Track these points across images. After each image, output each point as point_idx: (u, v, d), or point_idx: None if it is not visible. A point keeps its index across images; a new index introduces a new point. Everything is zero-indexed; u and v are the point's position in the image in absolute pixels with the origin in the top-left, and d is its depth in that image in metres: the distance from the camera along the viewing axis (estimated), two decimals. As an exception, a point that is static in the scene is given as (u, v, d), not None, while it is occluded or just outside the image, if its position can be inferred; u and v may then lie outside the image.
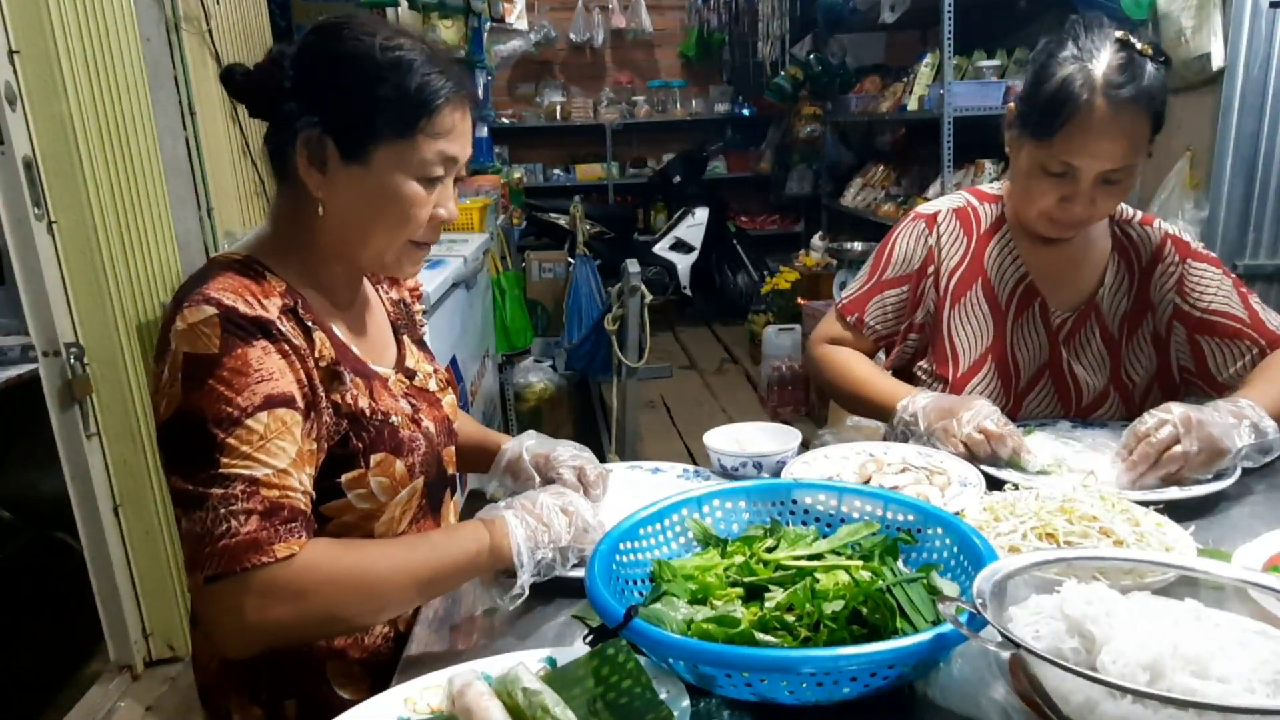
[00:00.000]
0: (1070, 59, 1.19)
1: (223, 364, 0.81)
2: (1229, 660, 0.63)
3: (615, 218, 5.73)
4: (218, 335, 0.82)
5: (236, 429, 0.81)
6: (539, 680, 0.74)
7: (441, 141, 0.91)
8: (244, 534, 0.79)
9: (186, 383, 0.81)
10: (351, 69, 0.88)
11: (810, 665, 0.68)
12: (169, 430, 0.82)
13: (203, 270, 0.91)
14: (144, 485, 2.26)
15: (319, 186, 0.91)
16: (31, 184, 1.95)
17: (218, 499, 0.79)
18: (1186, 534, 0.91)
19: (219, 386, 0.81)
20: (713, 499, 0.98)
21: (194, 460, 0.81)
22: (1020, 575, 0.75)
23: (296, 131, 0.88)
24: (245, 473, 0.80)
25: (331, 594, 0.82)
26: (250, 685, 0.96)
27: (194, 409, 0.81)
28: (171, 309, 0.86)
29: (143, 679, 2.30)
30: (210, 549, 0.79)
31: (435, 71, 0.90)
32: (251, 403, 0.82)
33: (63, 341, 2.05)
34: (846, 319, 1.45)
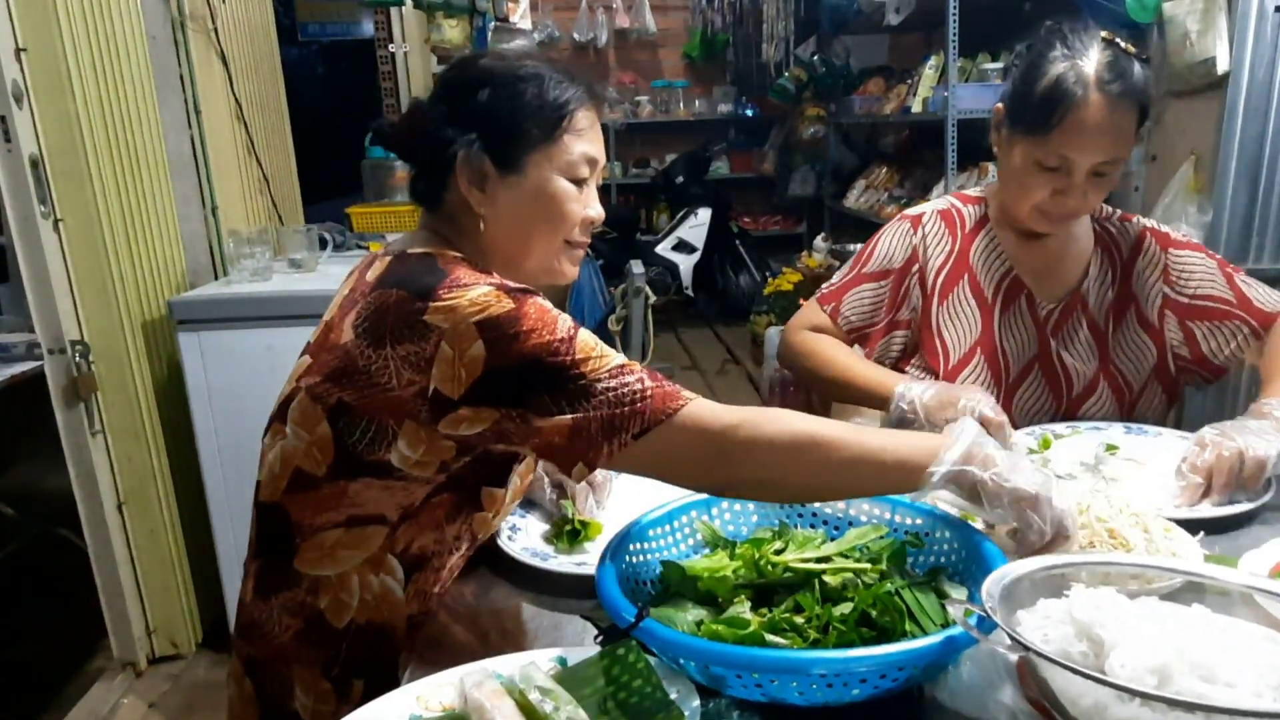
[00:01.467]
0: (1060, 58, 1.23)
1: (524, 313, 0.86)
2: (1237, 664, 0.63)
3: (618, 218, 5.73)
4: (505, 296, 0.87)
5: (574, 346, 0.86)
6: (550, 679, 0.75)
7: (583, 141, 0.99)
8: (652, 389, 0.85)
9: (493, 343, 0.85)
10: (495, 87, 0.96)
11: (821, 667, 0.68)
12: (489, 386, 0.85)
13: (425, 264, 0.92)
14: (148, 483, 2.27)
15: (480, 203, 0.97)
16: (38, 182, 1.96)
17: (606, 384, 0.84)
18: (1194, 541, 0.92)
19: (534, 327, 0.85)
20: (721, 501, 0.98)
21: (549, 387, 0.84)
22: (1028, 579, 0.75)
23: (453, 155, 0.95)
24: (612, 364, 0.86)
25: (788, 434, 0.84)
26: (326, 658, 0.98)
27: (521, 358, 0.85)
28: (407, 298, 0.87)
29: (146, 676, 2.31)
30: (625, 410, 0.83)
31: (566, 79, 0.98)
32: (568, 327, 0.87)
33: (68, 339, 2.05)
34: (824, 308, 1.47)
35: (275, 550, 0.98)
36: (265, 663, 1.00)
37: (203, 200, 2.55)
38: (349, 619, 0.97)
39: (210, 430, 2.23)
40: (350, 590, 0.97)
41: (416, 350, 0.87)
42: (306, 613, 0.97)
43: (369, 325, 0.90)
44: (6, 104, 1.87)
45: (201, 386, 2.21)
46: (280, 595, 0.98)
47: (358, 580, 0.97)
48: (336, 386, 0.92)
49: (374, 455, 0.93)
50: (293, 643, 0.98)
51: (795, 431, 0.85)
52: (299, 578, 0.97)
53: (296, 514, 0.97)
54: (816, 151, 5.76)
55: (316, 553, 0.97)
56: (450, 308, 0.86)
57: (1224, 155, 2.45)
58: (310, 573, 0.97)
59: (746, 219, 6.45)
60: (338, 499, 0.95)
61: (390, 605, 0.98)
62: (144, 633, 2.32)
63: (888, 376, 1.35)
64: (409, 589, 0.99)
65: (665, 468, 0.88)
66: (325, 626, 0.97)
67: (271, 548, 0.99)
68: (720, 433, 0.84)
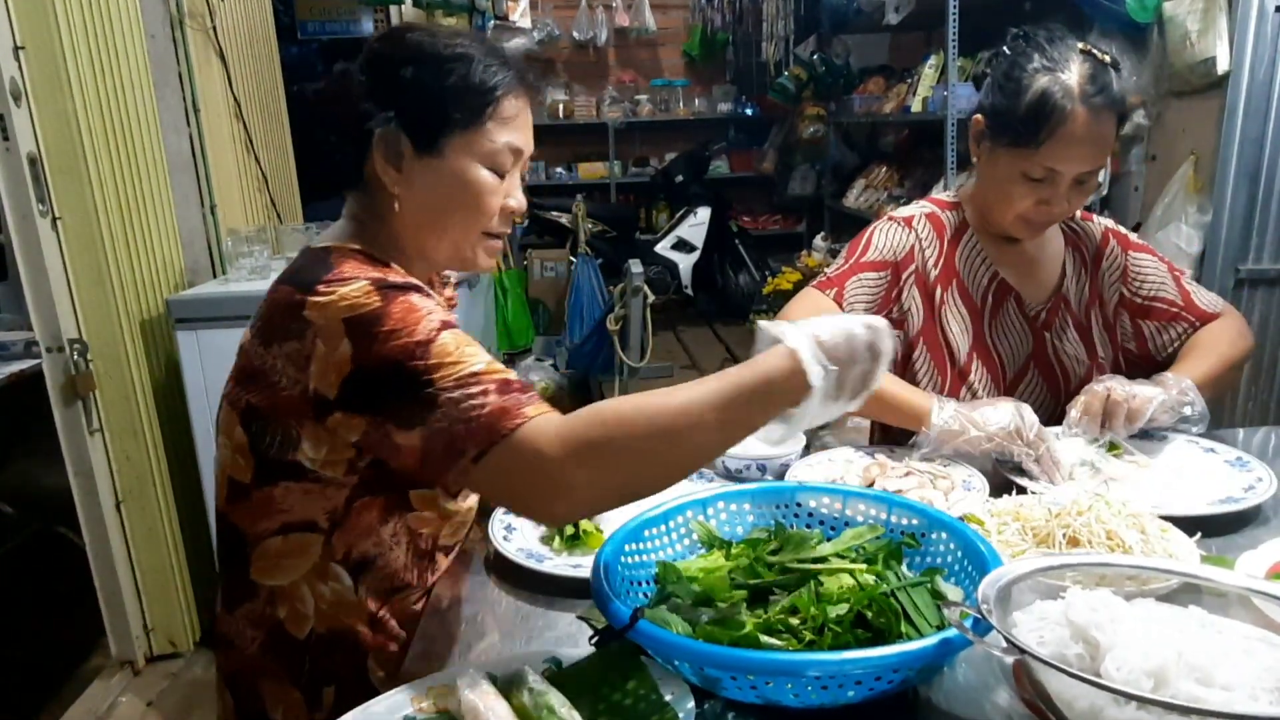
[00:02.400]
0: (1042, 70, 1.24)
1: (389, 312, 0.83)
2: (1233, 668, 0.63)
3: (617, 217, 5.72)
4: (375, 295, 0.84)
5: (430, 350, 0.82)
6: (545, 681, 0.75)
7: (508, 130, 0.95)
8: (491, 405, 0.79)
9: (359, 342, 0.82)
10: (420, 64, 0.92)
11: (816, 669, 0.68)
12: (354, 388, 0.83)
13: (317, 258, 0.91)
14: (146, 481, 2.27)
15: (395, 182, 0.93)
16: (36, 180, 1.95)
17: (448, 396, 0.80)
18: (1190, 541, 0.92)
19: (395, 328, 0.82)
20: (717, 501, 0.98)
21: (403, 395, 0.81)
22: (1025, 581, 0.75)
23: (371, 132, 0.91)
24: (463, 372, 0.81)
25: (628, 434, 0.77)
26: (292, 669, 0.97)
27: (379, 359, 0.82)
28: (291, 293, 0.86)
29: (144, 674, 2.30)
30: (465, 430, 0.79)
31: (496, 63, 0.94)
32: (431, 328, 0.84)
33: (66, 337, 2.05)
34: (825, 293, 1.37)
35: (233, 562, 0.97)
36: (239, 676, 0.99)
37: (201, 199, 2.54)
38: (309, 628, 0.96)
39: (208, 429, 2.23)
40: (304, 600, 0.95)
41: (298, 348, 0.85)
42: (268, 624, 0.96)
43: (261, 324, 0.89)
44: (5, 102, 1.87)
45: (200, 385, 2.21)
46: (243, 607, 0.97)
47: (308, 590, 0.95)
48: (243, 390, 0.91)
49: (286, 457, 0.90)
50: (259, 655, 0.97)
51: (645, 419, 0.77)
52: (256, 589, 0.96)
53: (239, 523, 0.96)
54: (816, 151, 5.75)
55: (265, 562, 0.95)
56: (323, 304, 0.84)
57: (1224, 155, 2.44)
58: (266, 583, 0.96)
59: (746, 218, 6.44)
60: (267, 506, 0.93)
61: (346, 610, 0.96)
62: (142, 631, 2.32)
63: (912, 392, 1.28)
64: (360, 592, 0.96)
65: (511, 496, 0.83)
66: (287, 637, 0.96)
67: (230, 559, 0.98)
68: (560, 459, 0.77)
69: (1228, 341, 1.39)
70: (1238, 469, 1.20)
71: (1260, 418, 2.60)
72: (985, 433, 1.20)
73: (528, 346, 4.10)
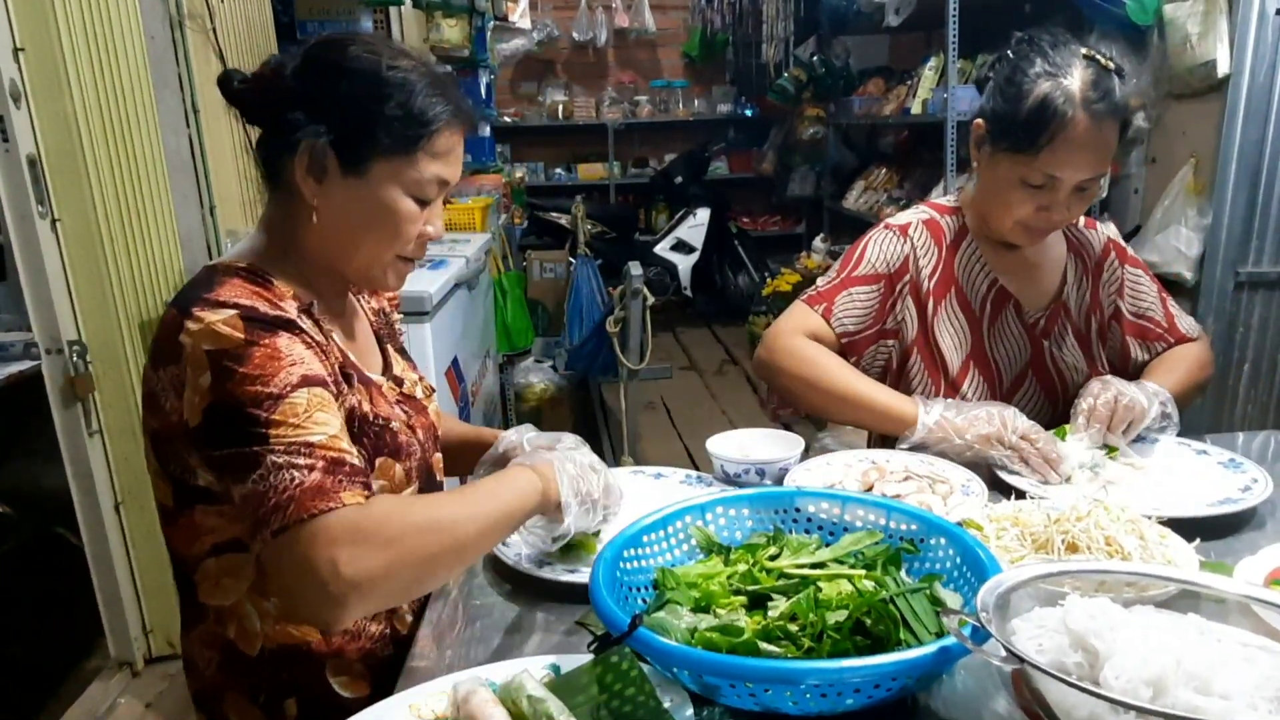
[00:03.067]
0: (1043, 75, 1.23)
1: (251, 353, 0.81)
2: (1232, 676, 0.63)
3: (617, 218, 5.72)
4: (241, 329, 0.82)
5: (279, 406, 0.80)
6: (543, 687, 0.74)
7: (437, 163, 0.93)
8: (309, 482, 0.77)
9: (217, 377, 0.80)
10: (359, 82, 0.90)
11: (815, 677, 0.68)
12: (207, 426, 0.81)
13: (204, 278, 0.90)
14: (145, 483, 2.24)
15: (314, 194, 0.91)
16: (35, 181, 1.95)
17: (274, 459, 0.78)
18: (1190, 547, 0.92)
19: (252, 372, 0.80)
20: (716, 506, 0.98)
21: (241, 439, 0.79)
22: (1023, 588, 0.75)
23: (297, 140, 0.89)
24: (299, 439, 0.79)
25: (416, 540, 0.80)
26: (249, 685, 0.96)
27: (230, 399, 0.80)
28: (175, 315, 0.85)
29: (143, 676, 2.30)
30: (275, 500, 0.76)
31: (438, 94, 0.92)
32: (288, 383, 0.81)
33: (65, 339, 2.05)
34: (814, 308, 1.37)
35: (183, 585, 0.97)
36: (203, 695, 0.99)
37: (201, 200, 2.53)
38: (260, 645, 0.95)
39: (207, 430, 2.22)
40: (250, 617, 0.94)
41: (177, 373, 0.83)
42: (220, 644, 0.95)
43: (153, 345, 0.87)
44: (4, 103, 1.87)
45: (198, 387, 2.20)
46: (197, 629, 0.97)
47: (252, 607, 0.94)
48: (147, 413, 0.90)
49: (192, 481, 0.89)
50: (217, 675, 0.96)
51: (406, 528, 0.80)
52: (205, 610, 0.95)
53: (176, 547, 0.95)
54: (816, 152, 5.75)
55: (208, 584, 0.94)
56: (194, 331, 0.82)
57: (1224, 158, 2.45)
58: (212, 604, 0.95)
59: (745, 219, 6.45)
60: (192, 529, 0.92)
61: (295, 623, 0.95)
62: (141, 632, 2.31)
63: (898, 398, 1.29)
64: None
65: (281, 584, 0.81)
66: (240, 656, 0.95)
67: (179, 583, 0.97)
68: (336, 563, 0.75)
69: (1198, 365, 1.43)
70: (1231, 470, 1.20)
71: (1259, 421, 2.60)
72: (963, 440, 1.22)
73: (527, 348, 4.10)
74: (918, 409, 1.26)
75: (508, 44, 5.13)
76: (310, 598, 0.77)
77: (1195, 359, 1.43)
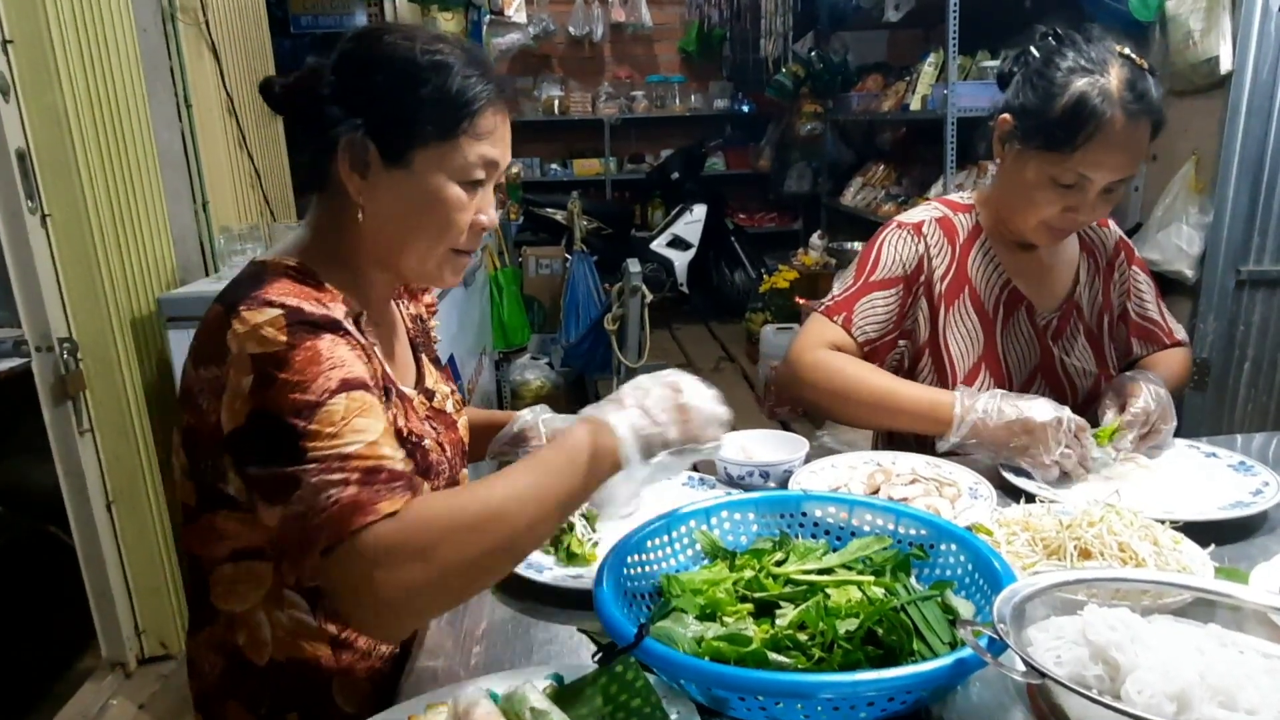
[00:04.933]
0: (1079, 71, 1.19)
1: (292, 358, 0.79)
2: (1257, 690, 0.62)
3: (613, 214, 5.70)
4: (284, 332, 0.80)
5: (316, 414, 0.77)
6: (546, 699, 0.72)
7: (483, 144, 0.90)
8: (345, 498, 0.74)
9: (257, 382, 0.78)
10: (393, 71, 0.87)
11: (828, 691, 0.66)
12: (244, 433, 0.79)
13: (253, 274, 0.87)
14: (137, 482, 2.24)
15: (359, 191, 0.89)
16: (25, 176, 1.92)
17: (313, 477, 0.75)
18: (1204, 553, 0.90)
19: (292, 378, 0.78)
20: (721, 510, 0.96)
21: (277, 454, 0.77)
22: (1039, 597, 0.73)
23: (337, 137, 0.87)
24: (334, 452, 0.76)
25: (460, 539, 0.75)
26: (252, 696, 0.94)
27: (268, 406, 0.78)
28: (221, 312, 0.82)
29: (135, 677, 2.28)
30: (316, 521, 0.75)
31: (476, 74, 0.89)
32: (327, 388, 0.79)
33: (56, 336, 2.02)
34: (833, 319, 1.34)
35: (195, 585, 0.94)
36: (206, 700, 0.97)
37: (193, 195, 2.51)
38: (268, 656, 0.92)
39: (200, 429, 2.20)
40: (261, 627, 0.92)
41: (218, 374, 0.81)
42: (228, 650, 0.93)
43: (195, 342, 0.85)
44: (-8, 97, 1.84)
45: (191, 385, 2.18)
46: (204, 632, 0.95)
47: (265, 617, 0.92)
48: (184, 410, 0.87)
49: (220, 485, 0.86)
50: (221, 680, 0.94)
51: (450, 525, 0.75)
52: (216, 614, 0.93)
53: (193, 548, 0.93)
54: (813, 148, 5.73)
55: (222, 588, 0.92)
56: (239, 332, 0.80)
57: (1226, 155, 2.43)
58: (224, 609, 0.92)
59: (742, 215, 6.42)
60: (213, 532, 0.89)
61: (307, 636, 0.93)
62: (133, 633, 2.29)
63: (938, 395, 1.25)
64: (319, 615, 0.93)
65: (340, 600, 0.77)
66: (247, 664, 0.93)
67: (192, 583, 0.95)
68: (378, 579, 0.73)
69: (1185, 369, 1.45)
70: (1242, 473, 1.19)
71: (1260, 422, 2.59)
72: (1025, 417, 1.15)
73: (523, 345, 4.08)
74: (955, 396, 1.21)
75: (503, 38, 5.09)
76: (361, 617, 0.76)
77: (1183, 364, 1.46)
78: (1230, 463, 1.22)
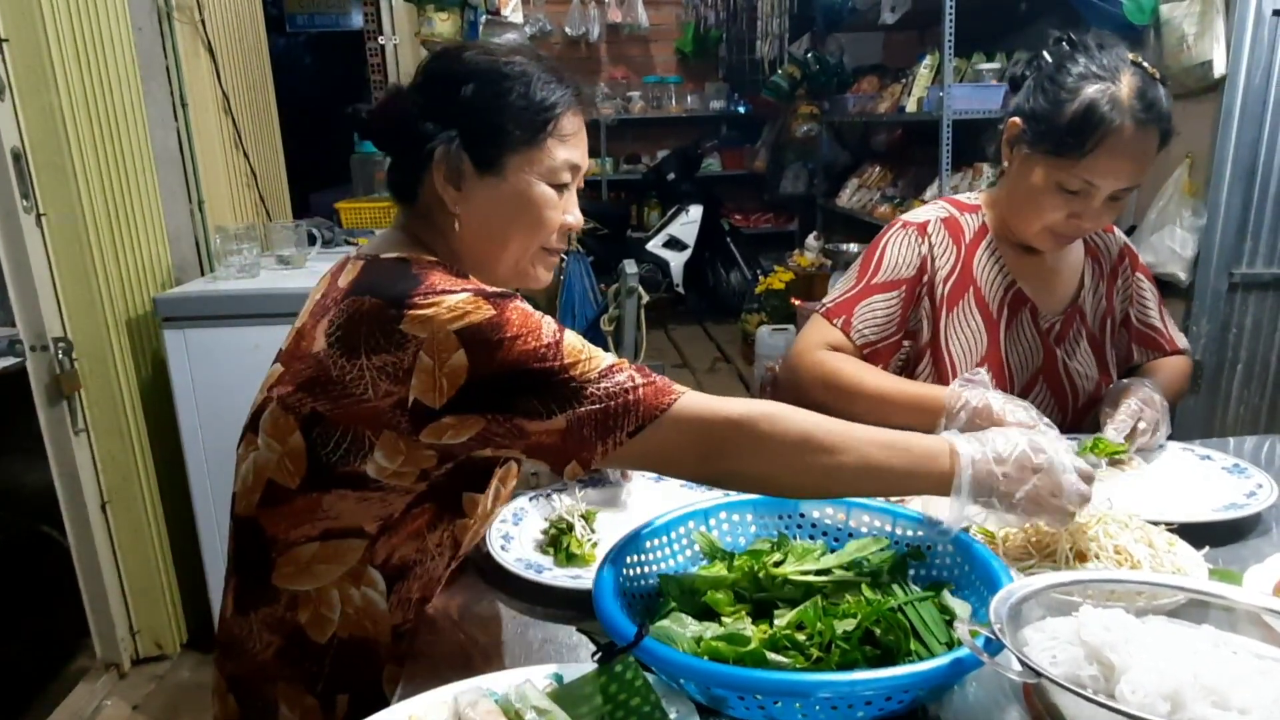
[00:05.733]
0: (1090, 78, 1.19)
1: (507, 319, 0.84)
2: (1250, 690, 0.62)
3: (609, 214, 5.70)
4: (488, 303, 0.84)
5: (561, 350, 0.84)
6: (546, 698, 0.73)
7: (566, 148, 0.95)
8: (644, 386, 0.84)
9: (475, 351, 0.82)
10: (480, 82, 0.92)
11: (826, 690, 0.67)
12: (475, 394, 0.83)
13: (398, 270, 0.89)
14: (132, 482, 2.23)
15: (456, 202, 0.94)
16: (20, 176, 1.91)
17: (597, 386, 0.83)
18: (1198, 555, 0.91)
19: (520, 333, 0.83)
20: (719, 511, 0.97)
21: (538, 392, 0.83)
22: (1035, 598, 0.74)
23: (430, 151, 0.91)
24: (601, 365, 0.85)
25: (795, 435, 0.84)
26: (308, 674, 0.95)
27: (504, 365, 0.83)
28: (381, 305, 0.84)
29: (130, 677, 2.28)
30: (621, 409, 0.83)
31: (555, 80, 0.95)
32: (553, 330, 0.86)
33: (51, 336, 2.01)
34: (833, 322, 1.36)
35: (252, 566, 0.95)
36: (248, 680, 0.97)
37: (189, 195, 2.50)
38: (331, 634, 0.94)
39: (195, 429, 2.20)
40: (331, 605, 0.94)
41: (394, 360, 0.84)
42: (286, 629, 0.94)
43: (342, 334, 0.87)
44: (-13, 95, 1.83)
45: (187, 385, 2.18)
46: (259, 611, 0.95)
47: (338, 594, 0.94)
48: (309, 396, 0.89)
49: (349, 467, 0.90)
50: (274, 660, 0.95)
51: (803, 432, 0.85)
52: (277, 594, 0.94)
53: (271, 529, 0.94)
54: (809, 149, 5.75)
55: (293, 568, 0.94)
56: (428, 316, 0.83)
57: (1219, 158, 2.45)
58: (289, 588, 0.94)
59: (738, 216, 6.43)
60: (312, 512, 0.92)
61: (373, 618, 0.95)
62: (128, 633, 2.29)
63: (929, 390, 1.27)
64: (391, 599, 0.96)
65: (662, 462, 0.88)
66: (307, 642, 0.94)
67: (248, 563, 0.96)
68: (719, 425, 0.84)
69: (1184, 378, 1.45)
70: (1236, 475, 1.20)
71: (1251, 424, 2.61)
72: None
73: (519, 345, 4.07)
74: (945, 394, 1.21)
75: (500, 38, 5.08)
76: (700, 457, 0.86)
77: (1183, 372, 1.46)
78: (1224, 465, 1.23)
